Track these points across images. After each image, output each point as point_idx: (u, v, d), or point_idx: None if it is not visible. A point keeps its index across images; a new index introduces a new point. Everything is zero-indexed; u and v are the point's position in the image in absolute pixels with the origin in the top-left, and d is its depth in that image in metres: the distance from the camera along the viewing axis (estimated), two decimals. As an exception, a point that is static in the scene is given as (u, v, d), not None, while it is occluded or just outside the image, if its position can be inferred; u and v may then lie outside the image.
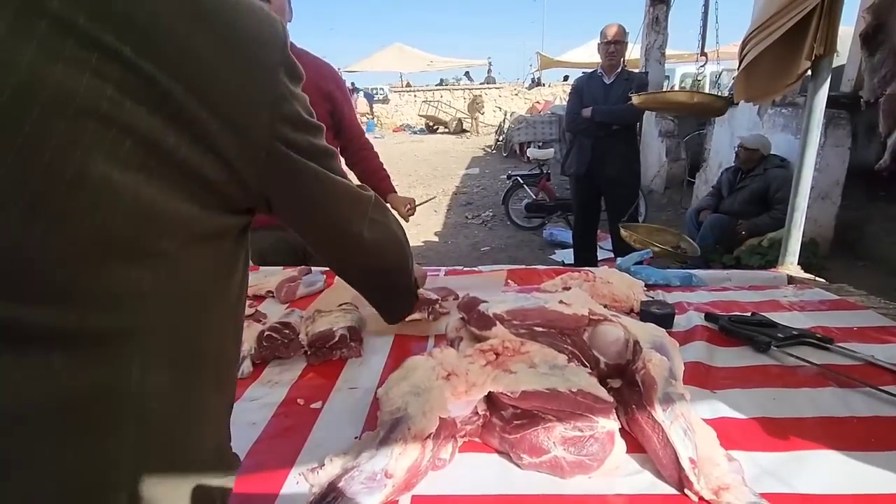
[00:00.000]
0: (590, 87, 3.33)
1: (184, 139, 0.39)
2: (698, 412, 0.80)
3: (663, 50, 6.58)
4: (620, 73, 3.25)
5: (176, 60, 0.38)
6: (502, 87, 18.95)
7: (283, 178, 0.50)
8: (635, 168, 3.43)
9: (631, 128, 3.43)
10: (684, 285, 1.43)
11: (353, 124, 1.91)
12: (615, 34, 3.14)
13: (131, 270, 0.38)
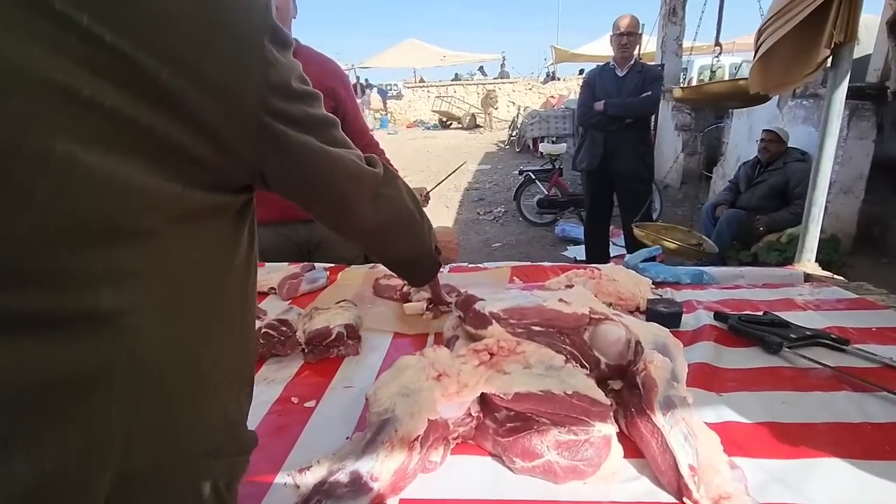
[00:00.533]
0: (602, 80, 3.26)
1: (160, 113, 0.36)
2: (702, 416, 0.76)
3: (680, 42, 6.44)
4: (633, 66, 3.18)
5: (145, 28, 0.35)
6: (516, 82, 18.79)
7: (275, 152, 0.47)
8: (649, 162, 3.36)
9: (644, 121, 3.35)
10: (695, 283, 1.39)
11: (357, 122, 1.89)
12: (628, 25, 3.07)
13: (112, 250, 0.37)
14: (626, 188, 3.37)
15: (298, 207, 1.98)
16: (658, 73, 3.34)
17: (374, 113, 18.06)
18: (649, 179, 3.43)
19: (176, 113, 0.37)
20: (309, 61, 1.79)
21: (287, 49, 0.46)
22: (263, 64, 0.43)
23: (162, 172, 0.38)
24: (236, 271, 0.48)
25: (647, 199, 3.45)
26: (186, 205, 0.40)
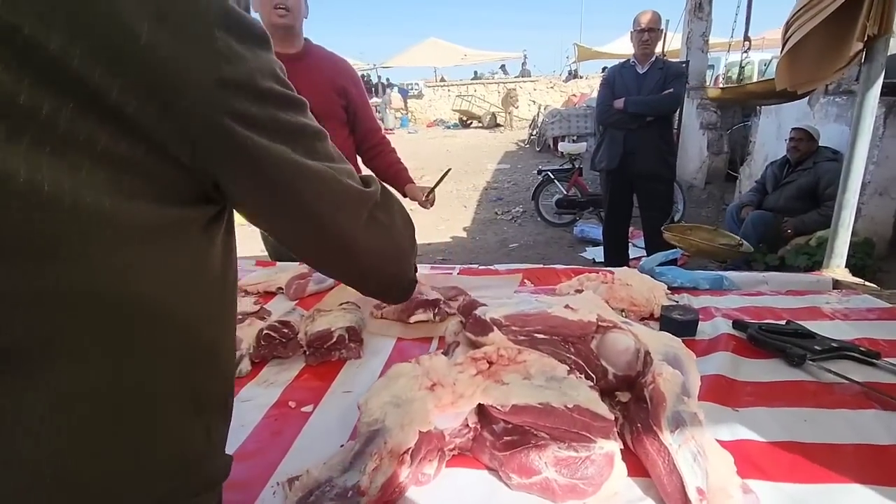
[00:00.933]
0: (622, 77, 3.18)
1: (87, 116, 0.32)
2: (715, 433, 0.72)
3: (706, 38, 6.25)
4: (655, 62, 3.09)
5: (67, 17, 0.31)
6: (537, 81, 18.59)
7: (233, 160, 0.41)
8: (670, 162, 3.26)
9: (666, 119, 3.25)
10: (714, 289, 1.33)
11: (368, 120, 1.88)
12: (648, 21, 2.98)
13: (54, 270, 0.34)
14: (646, 188, 3.28)
15: None
16: (681, 70, 3.24)
17: (395, 112, 18.12)
18: (671, 179, 3.33)
19: (106, 115, 0.33)
20: (321, 60, 1.80)
21: (252, 41, 0.40)
22: (212, 57, 0.37)
23: (100, 186, 0.34)
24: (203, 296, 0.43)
25: (668, 199, 3.34)
26: (134, 221, 0.36)
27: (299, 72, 1.72)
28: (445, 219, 6.07)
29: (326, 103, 1.75)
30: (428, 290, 1.24)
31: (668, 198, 3.36)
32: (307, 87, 1.71)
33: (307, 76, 1.72)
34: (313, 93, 1.71)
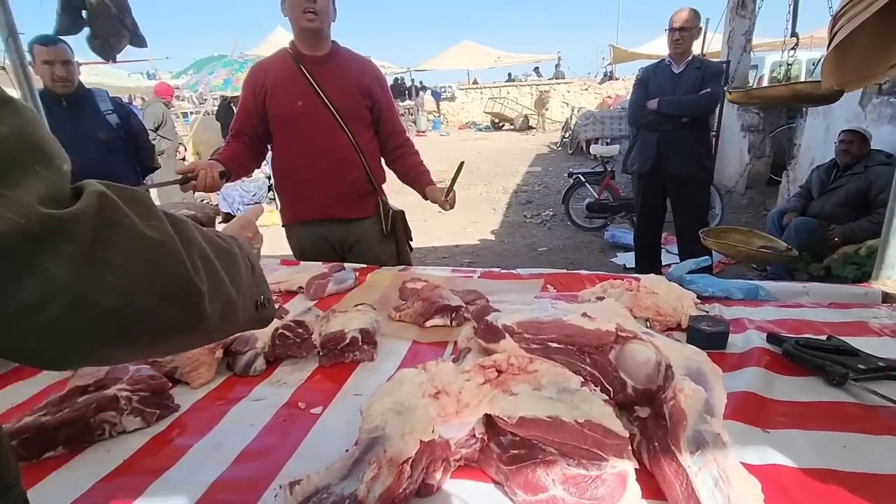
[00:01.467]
0: (656, 77, 3.07)
1: None
2: (742, 455, 0.66)
3: (749, 36, 5.99)
4: (691, 62, 2.97)
5: None
6: (571, 82, 18.30)
7: None
8: (707, 164, 3.12)
9: (702, 121, 3.12)
10: (748, 299, 1.25)
11: (392, 122, 1.88)
12: (681, 20, 2.87)
13: None
14: (680, 192, 3.15)
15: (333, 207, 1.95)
16: (718, 69, 3.10)
17: (427, 115, 18.20)
18: (707, 182, 3.19)
19: None
20: (347, 62, 1.80)
21: None
22: None
23: None
24: None
25: (704, 203, 3.20)
26: None
27: (327, 73, 1.74)
28: (474, 221, 6.04)
29: (352, 104, 1.75)
30: (449, 294, 1.22)
31: (703, 202, 3.22)
32: (333, 88, 1.73)
33: (334, 77, 1.73)
34: (339, 94, 1.73)
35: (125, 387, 0.82)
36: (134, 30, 2.21)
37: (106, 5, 2.07)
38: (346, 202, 1.83)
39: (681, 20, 2.87)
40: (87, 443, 0.77)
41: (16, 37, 1.78)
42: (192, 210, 2.21)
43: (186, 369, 0.94)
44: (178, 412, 0.86)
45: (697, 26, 2.98)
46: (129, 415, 0.80)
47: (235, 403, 0.89)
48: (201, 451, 0.76)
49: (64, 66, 2.39)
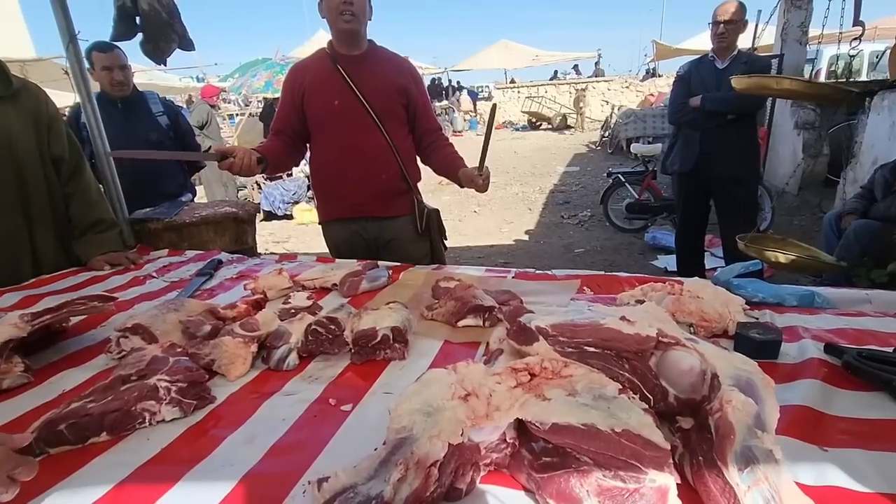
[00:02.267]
0: (699, 73, 2.93)
1: None
2: (796, 475, 0.61)
3: (805, 28, 5.66)
4: (737, 56, 2.82)
5: None
6: (612, 80, 17.87)
7: None
8: (753, 164, 2.97)
9: (749, 118, 2.96)
10: (803, 306, 1.17)
11: (427, 120, 1.87)
12: (726, 12, 2.73)
13: None
14: (725, 193, 3.00)
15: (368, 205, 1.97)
16: (766, 64, 2.93)
17: (464, 115, 18.20)
18: (754, 183, 3.03)
19: None
20: (383, 61, 1.81)
21: None
22: None
23: None
24: None
25: (751, 205, 3.04)
26: None
27: (363, 73, 1.75)
28: (509, 221, 5.99)
29: (388, 103, 1.76)
30: (482, 294, 1.20)
31: (750, 203, 3.06)
32: (370, 86, 1.74)
33: (370, 76, 1.74)
34: (375, 92, 1.74)
35: (165, 377, 0.84)
36: (182, 34, 2.30)
37: (157, 11, 2.16)
38: (381, 200, 1.84)
39: (726, 13, 2.74)
40: (128, 430, 0.79)
41: (76, 43, 1.88)
42: (233, 207, 2.29)
43: (223, 361, 0.96)
44: (215, 404, 0.88)
45: (743, 19, 2.83)
46: (168, 405, 0.82)
47: (269, 397, 0.90)
48: (235, 444, 0.77)
49: (121, 70, 2.52)
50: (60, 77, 7.46)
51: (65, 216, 1.73)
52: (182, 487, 0.67)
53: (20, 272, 1.62)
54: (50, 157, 1.67)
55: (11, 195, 1.58)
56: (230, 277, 1.61)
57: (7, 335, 0.95)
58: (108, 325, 1.24)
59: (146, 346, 0.99)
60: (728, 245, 3.11)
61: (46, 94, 1.70)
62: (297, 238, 5.79)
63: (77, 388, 0.95)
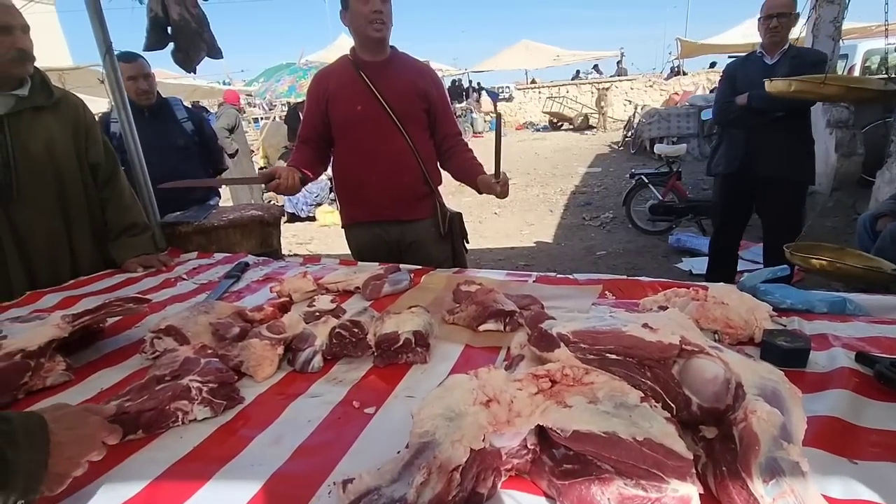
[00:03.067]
0: (745, 70, 2.80)
1: None
2: (824, 488, 0.60)
3: (838, 24, 5.48)
4: (787, 51, 2.68)
5: None
6: (635, 79, 17.60)
7: None
8: (804, 165, 2.78)
9: (801, 115, 2.77)
10: (834, 313, 1.14)
11: (447, 124, 1.88)
12: (779, 5, 2.59)
13: None
14: (771, 195, 2.82)
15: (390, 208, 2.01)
16: (820, 57, 2.73)
17: (484, 116, 18.17)
18: (803, 185, 2.82)
19: None
20: (405, 66, 1.84)
21: None
22: None
23: None
24: None
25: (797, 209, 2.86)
26: None
27: (385, 78, 1.78)
28: (530, 223, 5.96)
29: (409, 107, 1.78)
30: (503, 299, 1.20)
31: (796, 208, 2.85)
32: (392, 91, 1.77)
33: (392, 81, 1.77)
34: (397, 97, 1.76)
35: (196, 378, 0.87)
36: (211, 42, 2.37)
37: (187, 21, 2.23)
38: (403, 204, 1.86)
39: (778, 6, 2.60)
40: (162, 428, 0.83)
41: (112, 53, 1.96)
42: (259, 210, 2.34)
43: (251, 363, 0.99)
44: (243, 404, 0.91)
45: (795, 12, 2.67)
46: (200, 405, 0.85)
47: (294, 399, 0.92)
48: (263, 444, 0.79)
49: (145, 79, 2.60)
50: (96, 84, 7.75)
51: (101, 220, 1.80)
52: (213, 485, 0.70)
53: (60, 273, 1.69)
54: (87, 163, 1.74)
55: (52, 200, 1.66)
56: (257, 280, 1.65)
57: (50, 335, 1.00)
58: (142, 325, 1.29)
59: (178, 347, 1.03)
60: (770, 252, 2.97)
61: (84, 104, 1.78)
62: (319, 239, 5.88)
63: (114, 386, 1.00)
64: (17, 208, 1.59)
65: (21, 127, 1.58)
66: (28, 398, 0.96)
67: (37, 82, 1.62)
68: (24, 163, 1.58)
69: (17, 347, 0.96)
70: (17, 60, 1.51)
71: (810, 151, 2.83)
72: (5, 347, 0.96)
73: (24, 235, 1.62)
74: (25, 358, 0.96)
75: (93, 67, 8.12)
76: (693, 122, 8.86)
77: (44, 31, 2.09)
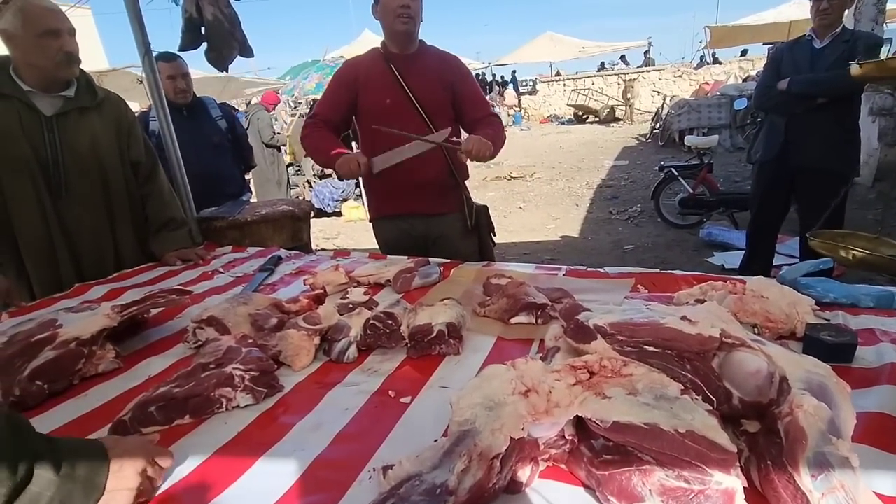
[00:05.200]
0: (792, 55, 2.68)
1: None
2: (874, 484, 0.59)
3: (882, 7, 5.22)
4: (840, 34, 2.54)
5: None
6: (663, 70, 17.15)
7: None
8: (847, 154, 2.66)
9: (845, 101, 2.62)
10: (880, 307, 1.10)
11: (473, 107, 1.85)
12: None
13: None
14: (810, 184, 2.71)
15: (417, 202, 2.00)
16: (876, 41, 2.62)
17: (508, 109, 18.03)
18: (846, 176, 2.68)
19: None
20: (433, 58, 1.84)
21: None
22: None
23: None
24: None
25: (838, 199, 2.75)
26: None
27: (414, 71, 1.79)
28: (555, 217, 5.90)
29: (436, 100, 1.79)
30: (535, 291, 1.20)
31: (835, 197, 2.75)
32: (420, 84, 1.77)
33: (420, 74, 1.78)
34: (425, 90, 1.77)
35: (239, 366, 0.91)
36: (243, 41, 2.43)
37: (220, 21, 2.29)
38: (429, 197, 1.87)
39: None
40: (208, 414, 0.86)
41: (150, 54, 2.03)
42: (290, 206, 2.39)
43: (289, 353, 1.02)
44: (283, 392, 0.94)
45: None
46: (243, 392, 0.88)
47: (332, 388, 0.95)
48: (303, 430, 0.82)
49: (183, 79, 2.68)
50: (131, 87, 8.01)
51: (141, 215, 1.87)
52: (260, 467, 0.73)
53: (104, 265, 1.77)
54: (129, 160, 1.81)
55: (97, 195, 1.73)
56: (289, 273, 1.69)
57: (101, 325, 1.05)
58: (183, 316, 1.34)
59: (220, 336, 1.06)
60: (806, 245, 2.87)
61: (126, 103, 1.85)
62: (345, 234, 5.96)
63: (161, 374, 1.04)
64: (65, 204, 1.67)
65: (68, 127, 1.65)
66: (83, 383, 1.01)
67: (82, 84, 1.69)
68: (72, 161, 1.65)
69: (72, 336, 1.01)
70: (64, 63, 1.58)
71: (853, 140, 2.71)
72: (61, 336, 1.01)
73: (72, 230, 1.70)
74: (79, 346, 1.01)
75: (129, 69, 8.38)
76: (725, 112, 8.59)
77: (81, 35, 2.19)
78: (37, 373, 0.95)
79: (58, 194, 1.65)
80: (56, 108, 1.63)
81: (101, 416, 0.89)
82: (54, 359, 0.97)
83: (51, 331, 1.02)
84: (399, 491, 0.59)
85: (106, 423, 0.84)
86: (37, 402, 0.94)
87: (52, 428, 0.86)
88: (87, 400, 0.96)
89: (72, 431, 0.86)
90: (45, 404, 0.95)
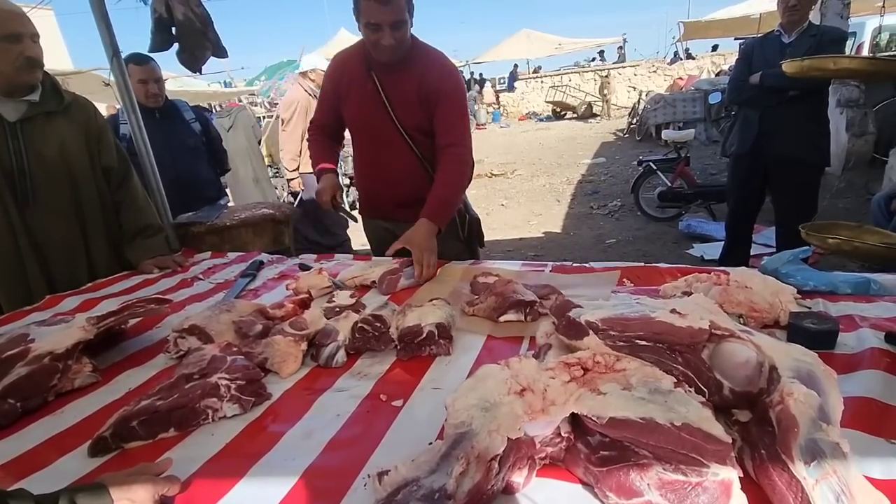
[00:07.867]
0: (762, 49, 2.77)
1: None
2: (864, 468, 0.60)
3: (847, 1, 5.38)
4: (807, 30, 2.64)
5: None
6: (638, 65, 17.42)
7: None
8: (820, 145, 2.76)
9: (816, 94, 2.74)
10: (858, 294, 1.13)
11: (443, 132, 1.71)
12: None
13: None
14: (784, 175, 2.80)
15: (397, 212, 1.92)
16: (839, 35, 2.72)
17: (487, 107, 18.07)
18: (819, 165, 2.81)
19: None
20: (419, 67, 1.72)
21: None
22: None
23: None
24: None
25: (811, 191, 2.83)
26: None
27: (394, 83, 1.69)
28: (537, 213, 5.94)
29: (415, 116, 1.71)
30: (522, 289, 1.20)
31: (810, 190, 2.84)
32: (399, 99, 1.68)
33: (401, 90, 1.68)
34: (404, 105, 1.68)
35: (224, 375, 0.88)
36: (216, 41, 2.37)
37: (192, 21, 2.23)
38: (411, 208, 1.79)
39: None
40: (193, 426, 0.83)
41: (119, 56, 1.96)
42: (270, 209, 2.35)
43: (276, 359, 1.00)
44: (271, 400, 0.91)
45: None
46: (229, 402, 0.86)
47: (321, 394, 0.93)
48: (294, 438, 0.80)
49: (156, 83, 2.60)
50: (98, 90, 7.75)
51: (115, 222, 1.81)
52: (250, 480, 0.71)
53: (77, 276, 1.71)
54: (100, 166, 1.75)
55: (67, 203, 1.67)
56: (272, 278, 1.66)
57: (76, 338, 1.01)
58: (163, 326, 1.30)
59: (203, 345, 1.03)
60: (784, 234, 2.95)
61: (95, 107, 1.78)
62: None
63: (141, 386, 1.01)
64: (33, 213, 1.60)
65: (34, 132, 1.58)
66: (58, 400, 0.97)
67: (47, 87, 1.63)
68: (39, 168, 1.59)
69: (46, 350, 0.97)
70: (25, 68, 1.51)
71: (825, 133, 2.81)
72: (34, 351, 0.97)
73: (40, 240, 1.63)
74: (54, 360, 0.97)
75: (95, 71, 8.12)
76: (699, 106, 8.77)
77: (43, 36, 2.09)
78: (8, 390, 0.91)
79: (24, 203, 1.58)
80: (20, 113, 1.56)
81: (80, 434, 0.85)
82: (27, 375, 0.93)
83: (22, 346, 0.97)
84: (396, 497, 0.57)
85: (84, 440, 0.81)
86: (9, 422, 0.90)
87: (26, 448, 0.83)
88: (63, 417, 0.92)
89: (48, 450, 0.82)
90: (18, 423, 0.90)
